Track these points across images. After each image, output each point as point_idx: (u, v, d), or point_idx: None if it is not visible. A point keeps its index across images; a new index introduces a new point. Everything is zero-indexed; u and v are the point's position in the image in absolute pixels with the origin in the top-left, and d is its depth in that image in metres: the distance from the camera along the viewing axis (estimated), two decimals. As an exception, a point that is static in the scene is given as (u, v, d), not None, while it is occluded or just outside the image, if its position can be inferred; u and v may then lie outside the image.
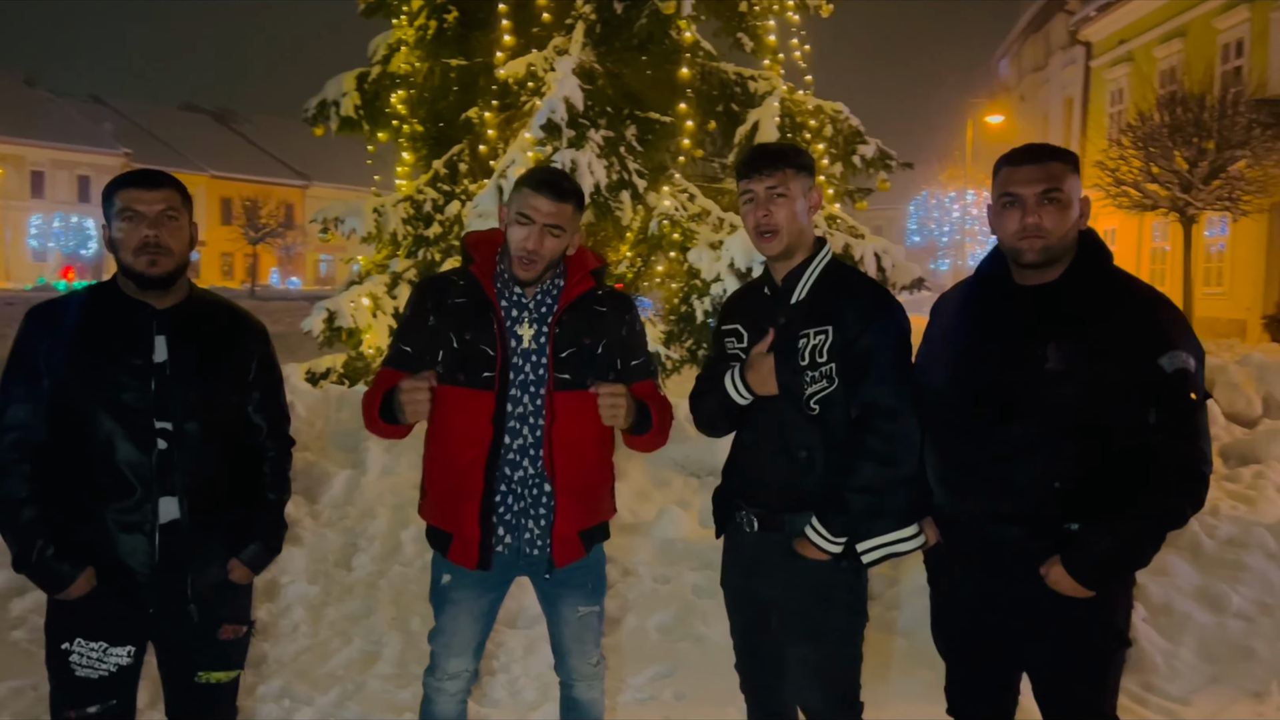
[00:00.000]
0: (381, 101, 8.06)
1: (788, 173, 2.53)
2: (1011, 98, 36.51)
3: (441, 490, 2.65)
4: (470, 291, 2.62)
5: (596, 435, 2.66)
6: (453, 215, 7.70)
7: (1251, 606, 4.57)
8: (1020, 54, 36.47)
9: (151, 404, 2.36)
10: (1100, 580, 2.30)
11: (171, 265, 2.38)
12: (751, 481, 2.63)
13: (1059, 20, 30.43)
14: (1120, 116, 24.70)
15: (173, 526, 2.40)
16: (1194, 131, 16.73)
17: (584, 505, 2.67)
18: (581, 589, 2.74)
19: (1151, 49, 24.36)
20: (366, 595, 4.86)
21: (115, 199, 2.37)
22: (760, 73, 8.24)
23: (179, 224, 2.39)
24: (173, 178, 2.45)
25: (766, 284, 2.67)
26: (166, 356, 2.39)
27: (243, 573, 2.58)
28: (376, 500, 5.81)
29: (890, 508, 2.48)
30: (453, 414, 2.58)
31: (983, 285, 2.56)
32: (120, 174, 2.45)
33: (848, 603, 2.57)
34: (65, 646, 2.40)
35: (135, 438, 2.35)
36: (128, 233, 2.34)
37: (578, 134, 6.60)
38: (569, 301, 2.62)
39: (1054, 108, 31.78)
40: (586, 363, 2.62)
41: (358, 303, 7.31)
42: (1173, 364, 2.23)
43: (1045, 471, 2.33)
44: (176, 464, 2.38)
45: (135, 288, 2.39)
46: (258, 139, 62.92)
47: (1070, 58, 29.84)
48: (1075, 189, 2.38)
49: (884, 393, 2.43)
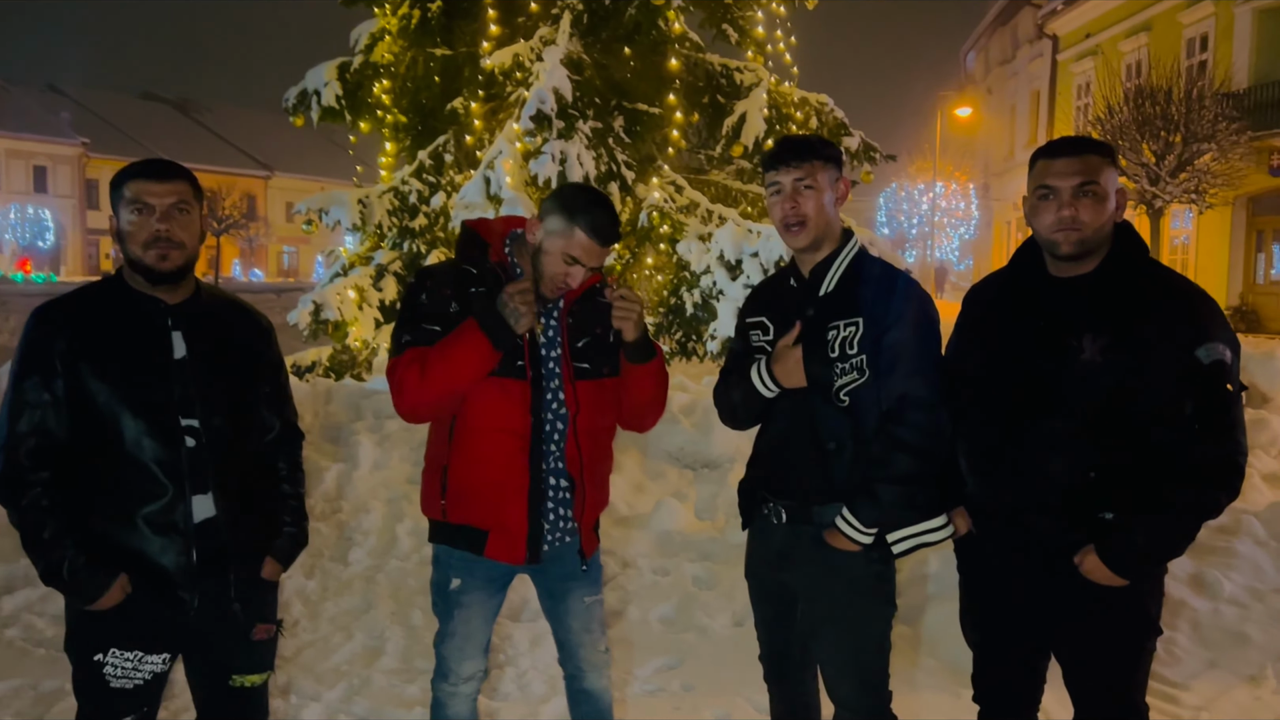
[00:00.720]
0: (364, 91, 7.95)
1: (815, 164, 2.51)
2: (979, 90, 36.84)
3: (477, 486, 2.56)
4: (489, 281, 2.55)
5: (611, 425, 2.67)
6: (438, 207, 7.62)
7: (1243, 593, 4.64)
8: (988, 47, 36.80)
9: (176, 401, 2.29)
10: (1135, 570, 2.32)
11: (182, 260, 2.29)
12: (780, 473, 2.62)
13: (1026, 14, 30.75)
14: (1087, 109, 25.01)
15: (209, 525, 2.34)
16: (1161, 125, 17.01)
17: (601, 494, 2.69)
18: (586, 577, 2.72)
19: (1117, 42, 24.70)
20: (365, 590, 4.81)
21: (125, 189, 2.27)
22: (746, 64, 8.23)
23: (190, 217, 2.30)
24: (184, 169, 2.36)
25: (793, 276, 2.66)
26: (185, 353, 2.32)
27: (274, 568, 2.53)
28: (370, 494, 5.76)
29: (921, 499, 2.49)
30: (487, 406, 2.50)
31: (1017, 277, 2.57)
32: (131, 163, 2.35)
33: (878, 593, 2.57)
34: (99, 658, 2.30)
35: (163, 436, 2.27)
36: (138, 226, 2.25)
37: (567, 125, 6.56)
38: (578, 294, 2.60)
39: (1021, 100, 32.12)
40: (601, 351, 2.60)
41: (344, 295, 7.22)
42: (1210, 355, 2.24)
43: (1080, 462, 2.35)
44: (207, 461, 2.32)
45: (144, 282, 2.31)
46: (219, 129, 62.00)
47: (1037, 51, 30.17)
48: (1112, 182, 2.39)
49: (917, 384, 2.42)
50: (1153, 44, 22.63)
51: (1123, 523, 2.30)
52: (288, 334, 8.08)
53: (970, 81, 39.31)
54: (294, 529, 2.58)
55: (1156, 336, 2.28)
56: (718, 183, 8.24)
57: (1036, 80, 30.51)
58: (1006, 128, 34.11)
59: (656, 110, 7.45)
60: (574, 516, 2.61)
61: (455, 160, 7.87)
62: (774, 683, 2.85)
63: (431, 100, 7.99)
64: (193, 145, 57.27)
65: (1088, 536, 2.34)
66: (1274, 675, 3.97)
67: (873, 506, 2.43)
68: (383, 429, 6.35)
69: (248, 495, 2.44)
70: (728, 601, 4.61)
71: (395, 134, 8.25)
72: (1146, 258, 2.43)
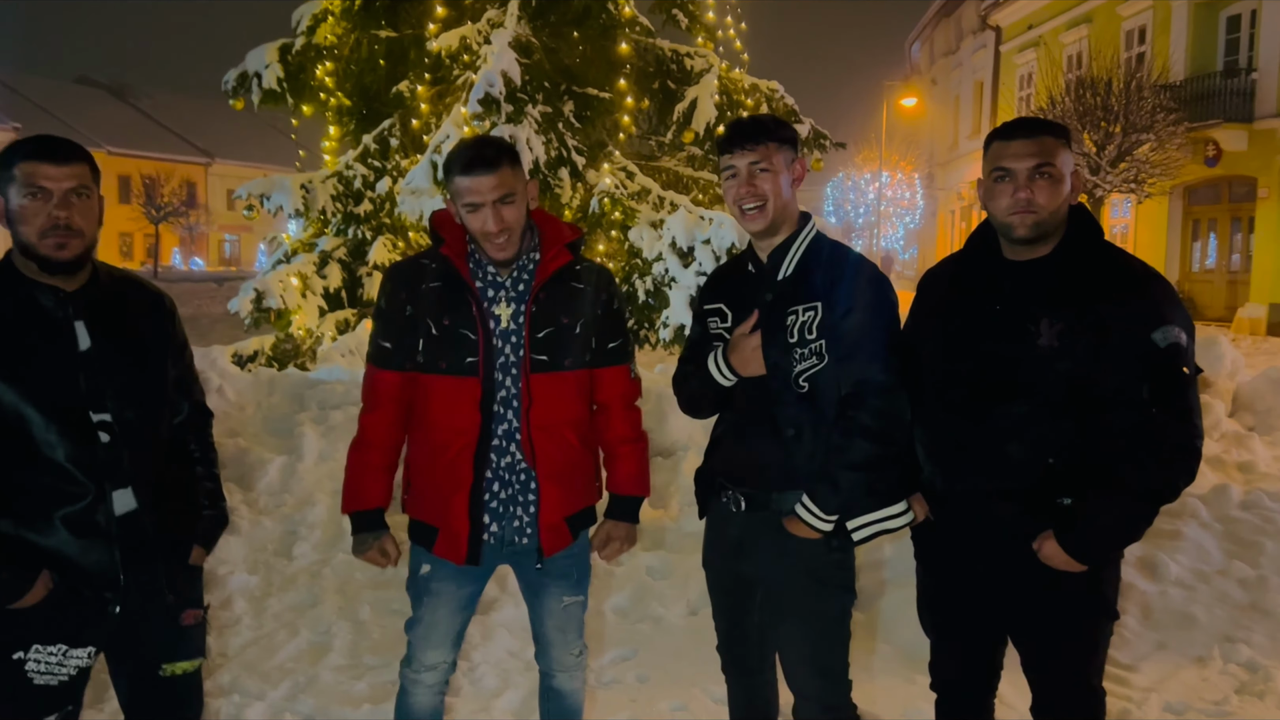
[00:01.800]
0: (306, 74, 7.75)
1: (770, 146, 2.46)
2: (924, 81, 37.22)
3: (428, 483, 2.55)
4: (444, 275, 2.50)
5: (574, 417, 2.58)
6: (384, 192, 7.47)
7: (1189, 575, 4.72)
8: (932, 38, 37.17)
9: (85, 396, 2.17)
10: (1094, 555, 2.31)
11: (81, 248, 2.15)
12: (738, 461, 2.58)
13: (970, 5, 31.11)
14: (1029, 100, 25.37)
15: (132, 518, 2.25)
16: (1102, 116, 17.28)
17: (568, 490, 2.58)
18: (567, 579, 2.67)
19: (1059, 34, 25.07)
20: (310, 585, 4.69)
21: (15, 170, 2.11)
22: (696, 50, 8.17)
23: (90, 202, 2.17)
24: (82, 149, 2.21)
25: (750, 261, 2.61)
26: (90, 344, 2.20)
27: (199, 553, 2.45)
28: (315, 487, 5.62)
29: (880, 485, 2.46)
30: (438, 403, 2.49)
31: (971, 261, 2.55)
32: (19, 140, 2.20)
33: (838, 581, 2.54)
34: (19, 656, 2.19)
35: (76, 434, 2.15)
36: (32, 212, 2.10)
37: (516, 109, 6.45)
38: (546, 277, 2.52)
39: (965, 90, 32.50)
40: (564, 342, 2.53)
41: (286, 282, 7.04)
42: (1165, 338, 2.23)
43: (1038, 447, 2.33)
44: (123, 454, 2.21)
45: (38, 270, 2.16)
46: (157, 114, 60.46)
47: (980, 42, 30.54)
48: (1067, 164, 2.37)
49: (876, 369, 2.38)
50: (1093, 36, 23.01)
51: (1081, 508, 2.29)
52: (230, 323, 7.88)
53: (915, 72, 39.70)
54: (213, 510, 2.50)
55: (1113, 320, 2.26)
56: (668, 169, 8.19)
57: (980, 71, 30.88)
58: (950, 118, 34.51)
59: (607, 95, 7.36)
60: (535, 515, 2.54)
61: (401, 144, 7.72)
62: (732, 673, 2.81)
63: (376, 83, 7.83)
64: (129, 131, 55.83)
65: (1046, 522, 2.33)
66: (1220, 656, 4.03)
67: (833, 493, 2.40)
68: (328, 420, 6.22)
69: (165, 483, 2.34)
70: (682, 590, 4.58)
71: (339, 117, 8.07)
72: (1102, 240, 2.42)
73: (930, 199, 37.17)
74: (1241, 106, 18.79)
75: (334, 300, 7.55)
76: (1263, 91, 18.61)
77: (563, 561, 2.63)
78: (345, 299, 7.60)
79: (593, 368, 2.61)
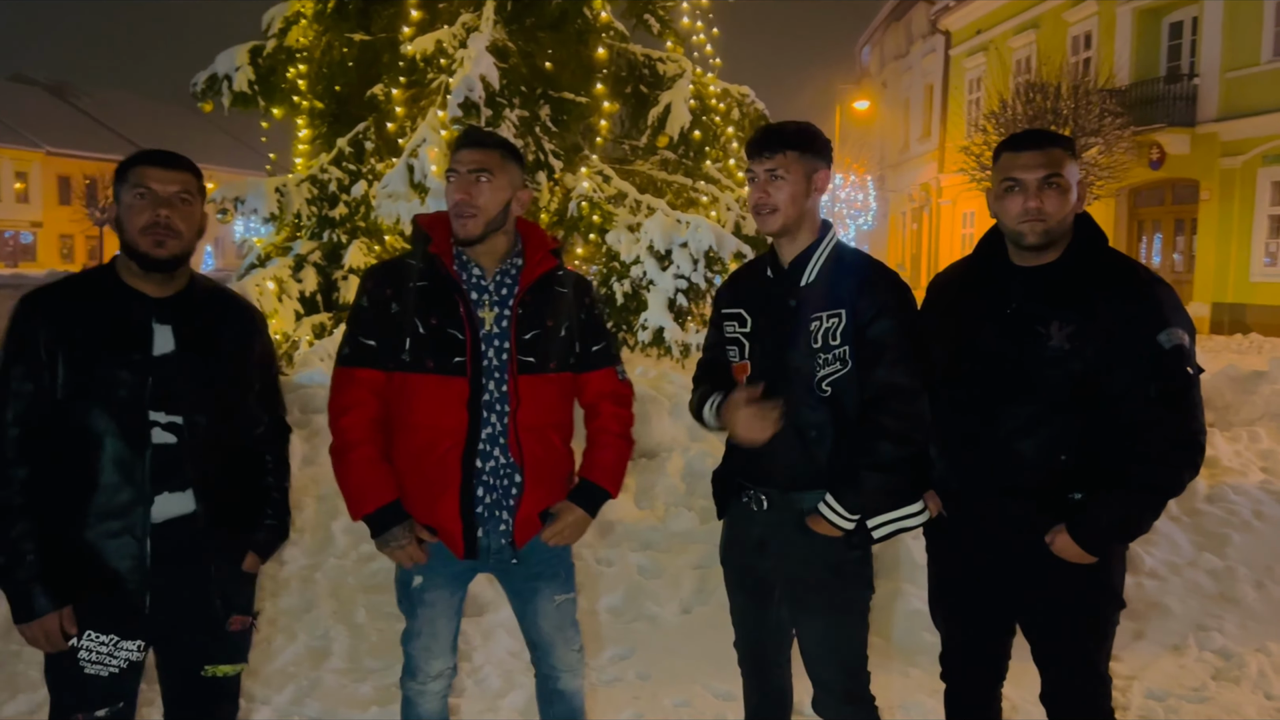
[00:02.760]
0: (278, 77, 7.70)
1: (789, 155, 2.53)
2: (875, 84, 37.69)
3: (415, 484, 2.53)
4: (431, 274, 2.52)
5: (559, 420, 2.62)
6: (359, 195, 7.45)
7: (1162, 566, 4.89)
8: (883, 42, 37.65)
9: (147, 399, 2.25)
10: (1104, 547, 2.42)
11: (179, 249, 2.28)
12: (760, 462, 2.63)
13: (919, 10, 31.58)
14: (979, 103, 25.81)
15: (189, 520, 2.32)
16: (1052, 119, 17.65)
17: (551, 488, 2.62)
18: (555, 578, 2.69)
19: (1007, 39, 25.56)
20: (303, 589, 4.69)
21: (129, 174, 2.27)
22: (668, 55, 8.26)
23: (191, 209, 2.30)
24: (189, 161, 2.35)
25: (770, 266, 2.68)
26: (173, 347, 2.30)
27: (253, 560, 2.52)
28: (301, 491, 5.60)
29: (901, 485, 2.54)
30: (424, 403, 2.48)
31: (981, 266, 2.65)
32: (138, 151, 2.36)
33: (858, 576, 2.62)
34: (74, 642, 2.27)
35: (130, 436, 2.24)
36: (137, 210, 2.24)
37: (495, 113, 6.49)
38: (530, 282, 2.56)
39: (915, 94, 32.98)
40: (549, 345, 2.57)
41: (262, 286, 6.99)
42: (1170, 340, 2.36)
43: (1050, 444, 2.44)
44: (188, 457, 2.30)
45: (137, 269, 2.28)
46: (98, 114, 59.23)
47: (930, 46, 31.01)
48: (1074, 174, 2.49)
49: (900, 374, 2.46)
50: (1041, 41, 23.49)
51: (1091, 502, 2.40)
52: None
53: (866, 75, 40.19)
54: (275, 521, 2.57)
55: (1120, 323, 2.37)
56: (643, 173, 8.24)
57: (930, 75, 31.36)
58: (901, 121, 35.00)
59: (583, 99, 7.41)
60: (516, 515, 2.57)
61: (376, 148, 7.70)
62: (750, 668, 2.87)
63: (349, 86, 7.80)
64: (70, 130, 54.60)
65: (1058, 516, 2.44)
66: (1195, 644, 4.19)
67: (856, 493, 2.48)
68: (310, 424, 6.19)
69: (230, 490, 2.42)
70: (674, 590, 4.64)
71: (311, 120, 8.03)
72: (1106, 247, 2.54)
73: (882, 200, 37.67)
74: (1184, 111, 19.32)
75: (310, 304, 7.51)
76: (1204, 96, 19.15)
77: (549, 562, 2.66)
78: (321, 303, 7.57)
79: (577, 371, 2.65)
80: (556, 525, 2.60)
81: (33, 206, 51.73)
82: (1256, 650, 4.13)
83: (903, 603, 4.29)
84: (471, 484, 2.51)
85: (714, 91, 8.08)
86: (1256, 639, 4.28)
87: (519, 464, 2.52)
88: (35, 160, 50.81)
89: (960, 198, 27.11)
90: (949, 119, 28.88)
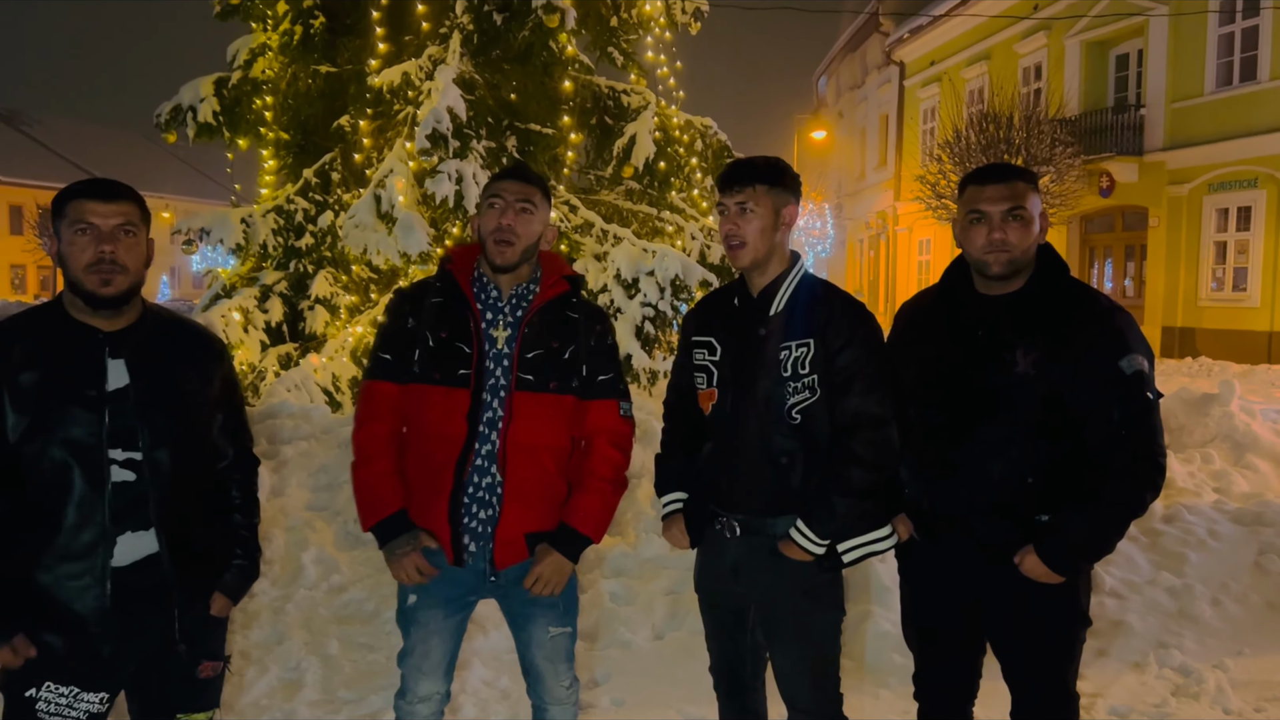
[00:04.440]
0: (242, 108, 7.71)
1: (759, 189, 2.63)
2: (832, 114, 38.23)
3: (419, 489, 2.62)
4: (446, 290, 2.63)
5: (554, 444, 2.65)
6: (326, 226, 7.46)
7: (1121, 585, 5.01)
8: (839, 72, 38.24)
9: (107, 436, 2.19)
10: (1072, 567, 2.51)
11: (126, 284, 2.21)
12: (731, 489, 2.68)
13: (874, 41, 32.12)
14: (933, 132, 26.26)
15: (151, 562, 2.25)
16: (1005, 149, 18.02)
17: (534, 511, 2.63)
18: (553, 610, 2.71)
19: (960, 70, 26.07)
20: (274, 621, 4.66)
21: (66, 209, 2.19)
22: (632, 87, 8.38)
23: (136, 239, 2.23)
24: (130, 189, 2.27)
25: (739, 295, 2.76)
26: (127, 381, 2.23)
27: (223, 603, 2.45)
28: (270, 522, 5.57)
29: (871, 510, 2.61)
30: (429, 412, 2.59)
31: (948, 295, 2.74)
32: (73, 183, 2.27)
33: (830, 599, 2.68)
34: (31, 693, 2.18)
35: (88, 474, 2.17)
36: (79, 247, 2.17)
37: (462, 144, 6.54)
38: (543, 303, 2.63)
39: (871, 123, 33.49)
40: (551, 366, 2.62)
41: (228, 317, 6.96)
42: (1130, 366, 2.46)
43: (1018, 467, 2.53)
44: (150, 495, 2.23)
45: (84, 307, 2.22)
46: (50, 142, 58.40)
47: (885, 77, 31.53)
48: (1036, 206, 2.59)
49: (870, 402, 2.54)
50: (993, 72, 24.00)
51: (1057, 523, 2.49)
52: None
53: (823, 105, 40.77)
54: (244, 561, 2.50)
55: (1083, 350, 2.47)
56: (608, 202, 8.34)
57: (885, 105, 31.88)
58: (858, 150, 35.52)
59: (549, 131, 7.50)
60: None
61: (343, 178, 7.72)
62: (725, 693, 2.91)
63: (316, 117, 7.82)
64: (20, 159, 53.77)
65: (1026, 537, 2.52)
66: (1155, 661, 4.30)
67: (828, 519, 2.54)
68: (278, 455, 6.16)
69: (195, 528, 2.35)
70: (646, 615, 4.67)
71: (278, 151, 8.04)
72: (1068, 276, 2.64)
73: (840, 228, 38.14)
74: (1132, 140, 19.81)
75: (276, 334, 7.48)
76: (1150, 125, 19.65)
77: None
78: (287, 333, 7.54)
79: (581, 397, 2.68)
80: (535, 569, 2.62)
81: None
82: (1214, 666, 4.24)
83: (872, 625, 4.35)
84: (460, 494, 2.56)
85: (677, 123, 8.20)
86: (1214, 655, 4.39)
87: (503, 479, 2.57)
88: (-16, 189, 49.93)
89: (916, 225, 27.52)
90: (904, 148, 29.35)
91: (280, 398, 6.48)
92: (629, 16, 8.36)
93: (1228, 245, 18.52)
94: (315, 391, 6.88)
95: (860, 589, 4.63)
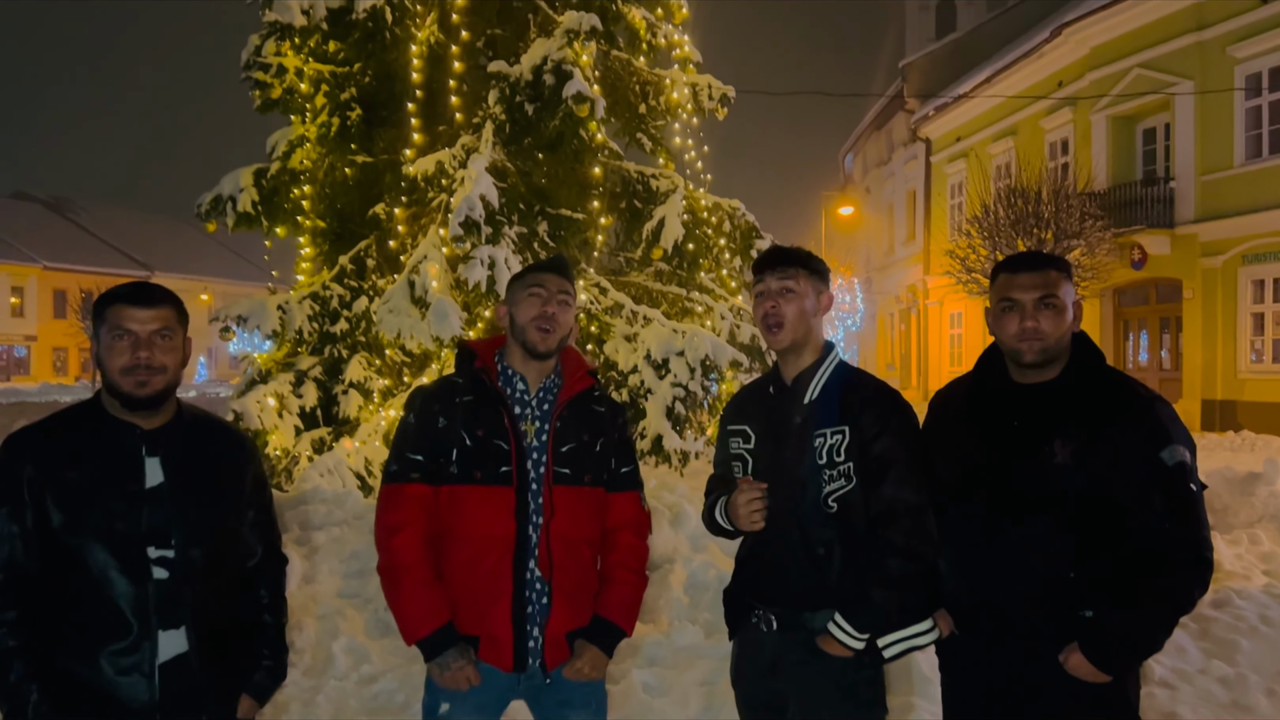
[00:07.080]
0: (281, 197, 7.90)
1: (800, 272, 2.66)
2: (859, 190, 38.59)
3: (466, 594, 2.55)
4: (477, 389, 2.63)
5: (591, 535, 2.66)
6: (360, 311, 7.57)
7: (1171, 675, 4.85)
8: (865, 150, 38.67)
9: (146, 532, 2.21)
10: (1119, 665, 2.43)
11: (163, 384, 2.26)
12: (768, 580, 2.66)
13: (900, 119, 32.52)
14: (961, 207, 26.38)
15: (181, 661, 2.25)
16: (1034, 223, 18.05)
17: (579, 607, 2.63)
18: (586, 707, 2.67)
19: (986, 145, 26.27)
20: (303, 712, 4.61)
21: (106, 313, 2.25)
22: (660, 171, 8.51)
23: (173, 342, 2.28)
24: (169, 293, 2.33)
25: (773, 384, 2.76)
26: (163, 480, 2.26)
27: (249, 705, 2.43)
28: (301, 610, 5.54)
29: (911, 602, 2.56)
30: (474, 513, 2.55)
31: (981, 383, 2.71)
32: (114, 287, 2.32)
33: (869, 697, 2.61)
34: None
35: (130, 570, 2.19)
36: (117, 352, 2.22)
37: (495, 231, 6.65)
38: (570, 397, 2.66)
39: (898, 199, 33.73)
40: (585, 458, 2.64)
41: (263, 403, 7.04)
42: (1173, 457, 2.41)
43: (1058, 561, 2.47)
44: (181, 594, 2.24)
45: (121, 407, 2.26)
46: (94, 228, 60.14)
47: (911, 153, 31.83)
48: (1069, 294, 2.58)
49: (906, 491, 2.51)
50: (1019, 147, 24.14)
51: (1103, 620, 2.42)
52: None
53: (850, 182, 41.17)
54: (272, 662, 2.49)
55: (1123, 441, 2.43)
56: (637, 284, 8.41)
57: (912, 180, 32.13)
58: (886, 225, 35.72)
59: (580, 215, 7.62)
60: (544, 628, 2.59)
61: (378, 264, 7.87)
62: (761, 789, 2.83)
63: (351, 205, 8.00)
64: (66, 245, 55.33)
65: (1070, 633, 2.45)
66: (1211, 754, 4.13)
67: (866, 611, 2.49)
68: (310, 541, 6.16)
69: (224, 628, 2.35)
70: (681, 708, 4.57)
71: (314, 239, 8.21)
72: (1105, 365, 2.61)
73: (870, 302, 38.19)
74: (1163, 213, 19.78)
75: (310, 419, 7.55)
76: (1180, 198, 19.63)
77: (580, 690, 2.64)
78: (320, 418, 7.60)
79: (609, 490, 2.70)
80: (576, 664, 2.61)
81: (28, 320, 52.07)
82: (1273, 761, 4.07)
83: (915, 718, 4.24)
84: (523, 593, 2.55)
85: (705, 205, 8.30)
86: (1272, 749, 4.22)
87: (547, 579, 2.56)
88: (32, 274, 51.34)
89: (947, 299, 27.50)
90: (932, 222, 29.49)
91: (313, 483, 6.51)
92: (657, 104, 8.52)
93: (1265, 316, 18.32)
94: (348, 476, 6.90)
95: (901, 679, 4.52)
